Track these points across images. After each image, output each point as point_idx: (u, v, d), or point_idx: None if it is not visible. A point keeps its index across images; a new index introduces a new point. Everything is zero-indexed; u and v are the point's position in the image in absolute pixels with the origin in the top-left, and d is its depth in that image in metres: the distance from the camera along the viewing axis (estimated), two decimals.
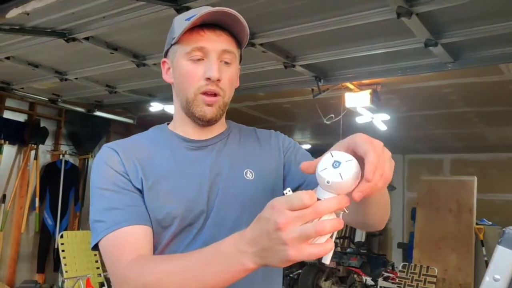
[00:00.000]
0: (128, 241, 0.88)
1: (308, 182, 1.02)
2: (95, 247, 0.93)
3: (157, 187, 0.95)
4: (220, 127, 1.07)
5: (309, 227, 0.60)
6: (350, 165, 0.62)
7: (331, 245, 0.63)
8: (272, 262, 0.65)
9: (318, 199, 0.63)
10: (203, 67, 0.97)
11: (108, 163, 0.96)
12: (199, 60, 0.97)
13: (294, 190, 1.01)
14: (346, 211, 0.64)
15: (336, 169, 0.62)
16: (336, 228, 0.61)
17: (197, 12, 0.95)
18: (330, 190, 0.63)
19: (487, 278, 0.76)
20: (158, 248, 0.95)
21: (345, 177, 0.61)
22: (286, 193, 0.65)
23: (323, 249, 0.62)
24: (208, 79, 0.96)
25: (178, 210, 0.94)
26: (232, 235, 0.71)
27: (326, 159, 0.64)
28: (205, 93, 0.97)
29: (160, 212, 0.93)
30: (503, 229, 0.73)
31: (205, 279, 0.73)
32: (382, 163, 0.63)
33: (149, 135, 1.06)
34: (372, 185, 0.62)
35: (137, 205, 0.93)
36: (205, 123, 1.01)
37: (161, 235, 0.94)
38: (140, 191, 0.95)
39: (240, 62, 1.06)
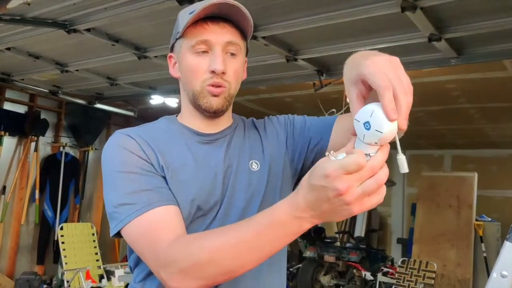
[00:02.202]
0: (163, 221, 0.87)
1: (313, 138, 1.05)
2: (117, 234, 0.90)
3: (175, 177, 0.95)
4: (227, 120, 1.08)
5: (371, 184, 0.64)
6: (377, 116, 0.63)
7: (384, 189, 0.66)
8: (335, 219, 0.70)
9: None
10: (208, 60, 0.97)
11: (127, 148, 0.94)
12: (203, 53, 0.97)
13: (307, 151, 1.04)
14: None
15: (370, 129, 0.63)
16: (388, 174, 0.65)
17: (201, 6, 0.95)
18: (371, 145, 0.65)
19: (494, 274, 0.75)
20: None
21: (383, 129, 0.62)
22: (330, 155, 0.66)
23: (381, 196, 0.65)
24: (213, 72, 0.96)
25: (196, 201, 0.94)
26: (281, 205, 0.73)
27: (358, 128, 0.65)
28: (211, 85, 0.97)
29: (179, 203, 0.93)
30: None
31: (262, 247, 0.75)
32: (399, 83, 0.64)
33: (161, 126, 1.05)
34: (405, 110, 0.63)
35: (165, 187, 0.92)
36: (212, 114, 1.01)
37: None
38: (163, 177, 0.94)
39: (246, 54, 1.06)
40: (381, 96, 0.62)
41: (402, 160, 0.65)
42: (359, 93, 0.69)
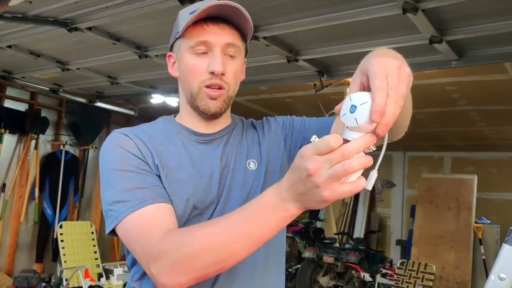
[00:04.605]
0: (156, 217, 0.87)
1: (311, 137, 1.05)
2: (112, 232, 0.91)
3: (171, 176, 0.95)
4: (225, 120, 1.08)
5: (338, 167, 0.63)
6: (364, 109, 0.63)
7: (363, 181, 0.65)
8: (312, 205, 0.69)
9: (347, 140, 0.65)
10: (207, 61, 0.97)
11: (124, 147, 0.95)
12: (203, 53, 0.97)
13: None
14: (374, 148, 0.66)
15: (352, 114, 0.64)
16: (365, 165, 0.64)
17: (201, 6, 0.95)
18: (354, 131, 0.65)
19: (492, 277, 0.75)
20: None
21: (360, 121, 0.63)
22: (313, 141, 0.67)
23: (356, 186, 0.65)
24: (212, 73, 0.96)
25: (191, 200, 0.95)
26: (269, 189, 0.75)
27: (346, 103, 0.66)
28: (209, 87, 0.98)
29: (174, 202, 0.93)
30: (510, 228, 0.72)
31: (252, 233, 0.75)
32: (395, 92, 0.64)
33: (158, 126, 1.06)
34: (390, 119, 0.62)
35: (159, 185, 0.93)
36: (209, 116, 1.01)
37: None
38: (158, 176, 0.95)
39: (245, 55, 1.06)
40: (373, 96, 0.63)
41: (372, 176, 0.66)
42: (361, 83, 0.69)
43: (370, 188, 0.67)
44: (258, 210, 0.75)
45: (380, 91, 0.63)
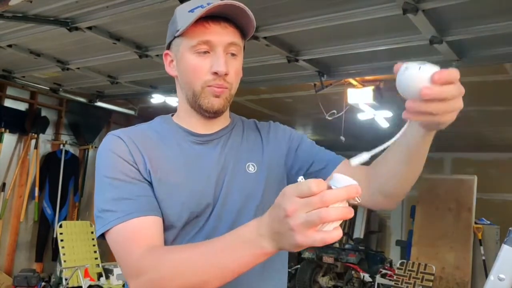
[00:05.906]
0: (139, 232, 0.87)
1: (316, 162, 1.04)
2: (101, 236, 0.91)
3: (165, 180, 0.94)
4: (224, 120, 1.06)
5: (313, 214, 0.62)
6: (430, 66, 0.66)
7: (338, 232, 0.63)
8: (285, 246, 0.67)
9: (331, 188, 0.64)
10: (209, 61, 0.95)
11: (116, 152, 0.94)
12: (205, 53, 0.96)
13: (305, 173, 1.04)
14: (358, 200, 0.65)
15: (421, 67, 0.66)
16: (343, 216, 0.62)
17: (200, 3, 0.94)
18: (342, 181, 0.64)
19: (491, 278, 0.75)
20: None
21: (424, 67, 0.65)
22: (299, 181, 0.66)
23: (329, 236, 0.62)
24: (215, 73, 0.95)
25: (187, 203, 0.94)
26: (251, 221, 0.73)
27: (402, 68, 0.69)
28: (213, 86, 0.97)
29: (169, 206, 0.93)
30: (510, 228, 0.72)
31: (225, 264, 0.74)
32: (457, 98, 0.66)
33: (154, 127, 1.04)
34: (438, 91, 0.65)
35: (147, 195, 0.92)
36: (211, 114, 1.00)
37: (168, 229, 0.93)
38: (149, 182, 0.94)
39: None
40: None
41: (362, 157, 0.68)
42: None
43: (355, 163, 0.69)
44: (234, 242, 0.73)
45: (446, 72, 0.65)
